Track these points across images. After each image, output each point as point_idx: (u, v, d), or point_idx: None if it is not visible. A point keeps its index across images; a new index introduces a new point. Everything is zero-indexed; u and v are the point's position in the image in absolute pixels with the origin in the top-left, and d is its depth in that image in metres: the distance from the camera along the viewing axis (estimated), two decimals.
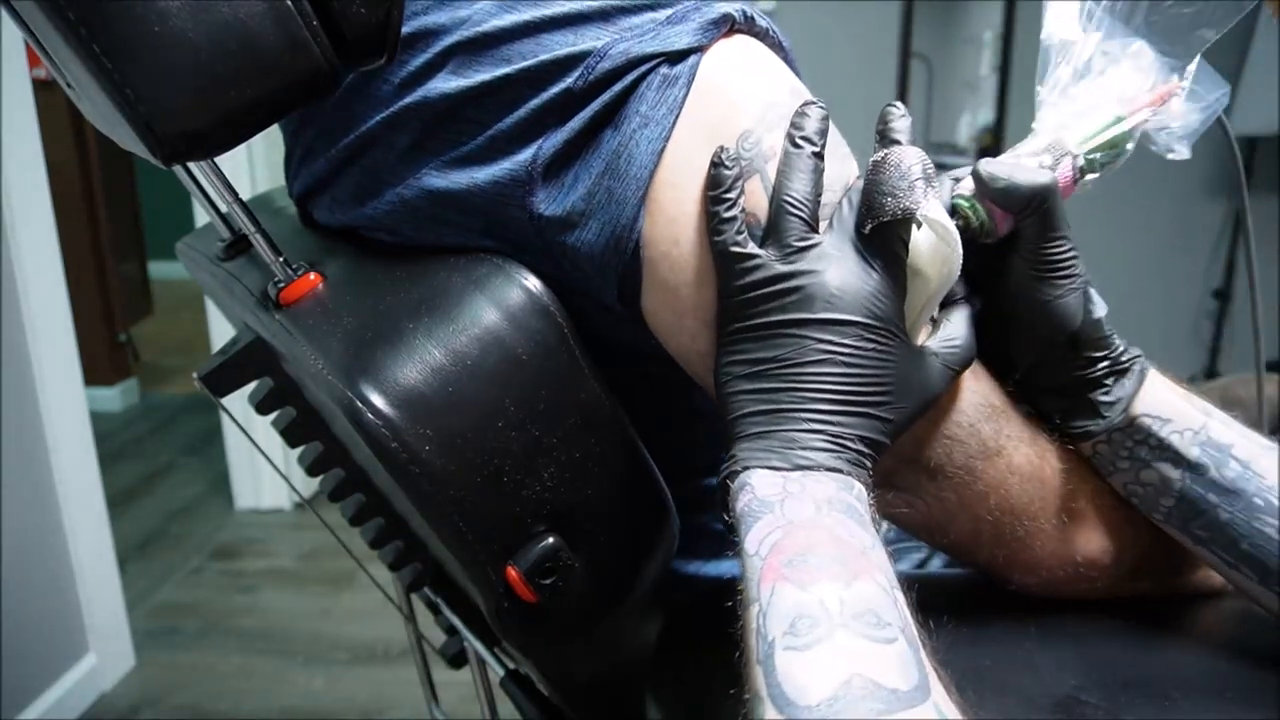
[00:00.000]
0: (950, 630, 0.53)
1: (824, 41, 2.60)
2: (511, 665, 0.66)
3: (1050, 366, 0.49)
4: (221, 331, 2.27)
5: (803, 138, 0.44)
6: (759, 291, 0.43)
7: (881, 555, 0.38)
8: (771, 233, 0.43)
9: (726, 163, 0.43)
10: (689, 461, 0.61)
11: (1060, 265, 0.47)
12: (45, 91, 1.66)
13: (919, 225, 0.44)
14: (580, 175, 0.46)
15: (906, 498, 0.49)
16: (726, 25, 0.46)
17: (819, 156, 0.44)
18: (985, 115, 2.72)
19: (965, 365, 0.46)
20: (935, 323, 0.48)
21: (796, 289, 0.42)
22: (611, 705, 0.66)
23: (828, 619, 0.34)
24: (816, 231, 0.43)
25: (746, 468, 0.41)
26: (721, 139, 0.45)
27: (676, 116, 0.44)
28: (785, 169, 0.43)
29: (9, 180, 1.48)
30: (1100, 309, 0.48)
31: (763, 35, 0.48)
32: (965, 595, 0.57)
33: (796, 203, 0.43)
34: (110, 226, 2.96)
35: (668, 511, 0.54)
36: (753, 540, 0.39)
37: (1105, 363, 0.48)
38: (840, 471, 0.41)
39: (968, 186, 0.48)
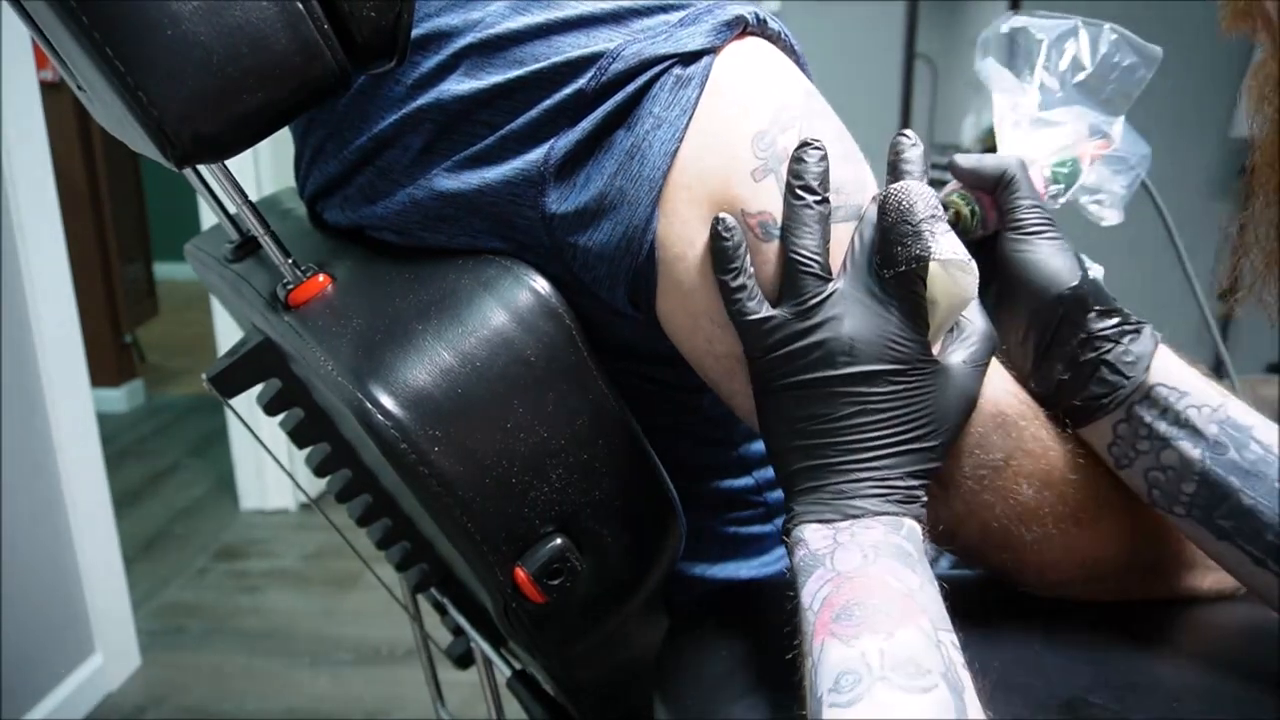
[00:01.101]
0: (957, 630, 0.53)
1: (828, 42, 2.60)
2: (518, 665, 0.67)
3: (1064, 335, 0.49)
4: (227, 332, 2.27)
5: (803, 188, 0.44)
6: (781, 352, 0.44)
7: (929, 594, 0.39)
8: (786, 289, 0.44)
9: (724, 234, 0.44)
10: (695, 463, 0.61)
11: (1038, 224, 0.50)
12: (52, 93, 1.67)
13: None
14: (592, 175, 0.46)
15: None
16: (740, 27, 0.46)
17: (823, 202, 0.44)
18: (989, 116, 2.71)
19: (990, 355, 0.47)
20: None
21: (816, 345, 0.43)
22: (617, 705, 0.66)
23: (868, 673, 0.35)
24: (829, 279, 0.44)
25: (800, 523, 0.43)
26: (734, 140, 0.45)
27: (690, 118, 0.44)
28: (790, 223, 0.44)
29: (15, 182, 1.48)
30: (1095, 270, 0.50)
31: (775, 38, 0.48)
32: (973, 595, 0.57)
33: (806, 258, 0.43)
34: (116, 227, 2.96)
35: (674, 513, 0.54)
36: (806, 595, 0.40)
37: (1117, 317, 0.48)
38: (888, 514, 0.42)
39: (957, 184, 0.52)
